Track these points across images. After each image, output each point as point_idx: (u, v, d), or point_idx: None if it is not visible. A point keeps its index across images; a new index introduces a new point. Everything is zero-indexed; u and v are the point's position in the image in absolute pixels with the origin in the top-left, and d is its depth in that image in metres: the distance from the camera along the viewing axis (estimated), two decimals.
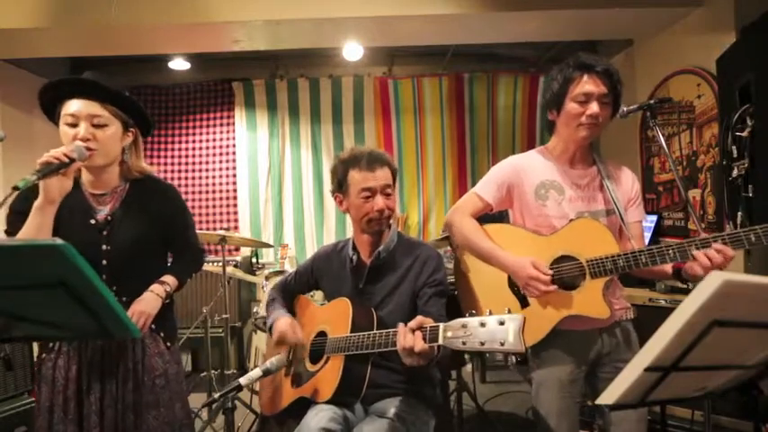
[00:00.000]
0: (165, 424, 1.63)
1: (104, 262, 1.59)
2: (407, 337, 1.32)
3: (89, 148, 1.52)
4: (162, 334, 1.69)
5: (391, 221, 1.77)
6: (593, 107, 1.60)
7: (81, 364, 1.58)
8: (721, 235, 1.42)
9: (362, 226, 1.73)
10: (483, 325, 1.17)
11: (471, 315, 1.23)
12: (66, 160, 1.41)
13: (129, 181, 1.68)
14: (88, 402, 1.56)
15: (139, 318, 1.59)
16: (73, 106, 1.53)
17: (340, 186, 1.74)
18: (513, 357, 1.17)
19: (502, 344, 1.13)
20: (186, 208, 1.84)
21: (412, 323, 1.35)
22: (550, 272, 1.57)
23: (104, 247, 1.59)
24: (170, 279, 1.71)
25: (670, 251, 1.47)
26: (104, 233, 1.60)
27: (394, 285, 1.72)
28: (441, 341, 1.26)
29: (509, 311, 1.17)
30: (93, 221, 1.61)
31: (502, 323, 1.15)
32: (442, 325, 1.27)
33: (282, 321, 1.75)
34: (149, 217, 1.67)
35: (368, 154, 1.70)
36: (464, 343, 1.19)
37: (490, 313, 1.19)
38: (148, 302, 1.63)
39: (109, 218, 1.62)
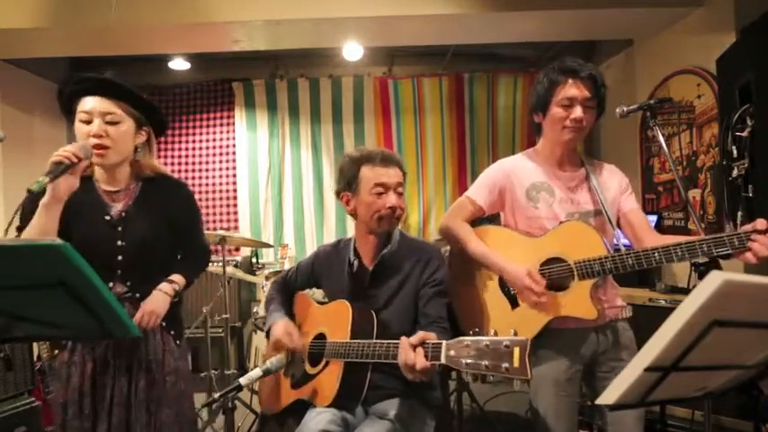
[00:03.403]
0: (175, 421, 1.64)
1: (120, 257, 1.60)
2: (409, 354, 1.30)
3: (102, 145, 1.54)
4: (172, 332, 1.70)
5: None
6: (577, 111, 1.62)
7: (96, 361, 1.59)
8: (705, 239, 1.42)
9: (371, 225, 1.68)
10: (487, 346, 1.14)
11: (475, 334, 1.20)
12: (76, 160, 1.42)
13: (141, 179, 1.69)
14: (101, 398, 1.58)
15: (150, 317, 1.60)
16: (87, 104, 1.55)
17: (349, 185, 1.68)
18: (518, 381, 1.15)
19: (507, 369, 1.10)
20: (197, 208, 1.84)
21: (413, 339, 1.31)
22: (544, 282, 1.59)
23: (119, 242, 1.61)
24: (178, 278, 1.72)
25: (656, 254, 1.48)
26: (119, 229, 1.62)
27: (397, 287, 1.69)
28: (443, 360, 1.22)
29: (515, 333, 1.13)
30: (107, 218, 1.62)
31: (507, 346, 1.11)
32: (444, 343, 1.24)
33: (279, 326, 1.72)
34: (162, 214, 1.68)
35: (381, 152, 1.68)
36: (467, 364, 1.16)
37: (495, 334, 1.16)
38: (158, 302, 1.64)
39: (123, 214, 1.63)
